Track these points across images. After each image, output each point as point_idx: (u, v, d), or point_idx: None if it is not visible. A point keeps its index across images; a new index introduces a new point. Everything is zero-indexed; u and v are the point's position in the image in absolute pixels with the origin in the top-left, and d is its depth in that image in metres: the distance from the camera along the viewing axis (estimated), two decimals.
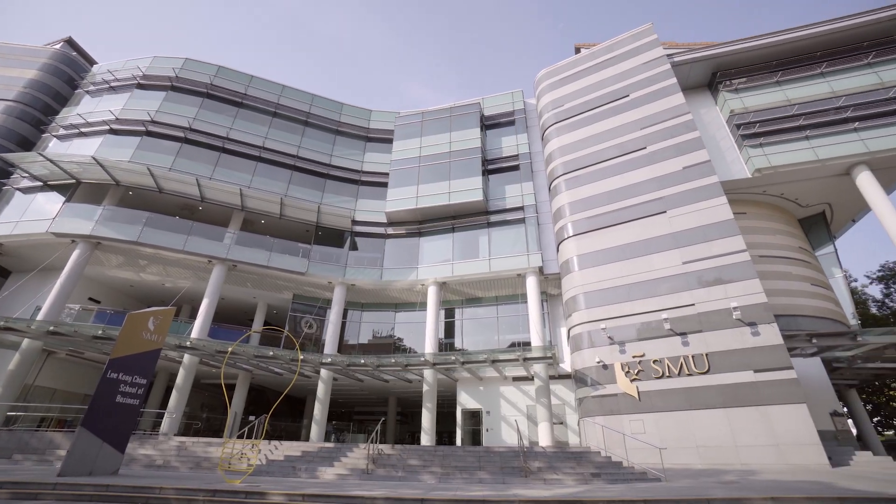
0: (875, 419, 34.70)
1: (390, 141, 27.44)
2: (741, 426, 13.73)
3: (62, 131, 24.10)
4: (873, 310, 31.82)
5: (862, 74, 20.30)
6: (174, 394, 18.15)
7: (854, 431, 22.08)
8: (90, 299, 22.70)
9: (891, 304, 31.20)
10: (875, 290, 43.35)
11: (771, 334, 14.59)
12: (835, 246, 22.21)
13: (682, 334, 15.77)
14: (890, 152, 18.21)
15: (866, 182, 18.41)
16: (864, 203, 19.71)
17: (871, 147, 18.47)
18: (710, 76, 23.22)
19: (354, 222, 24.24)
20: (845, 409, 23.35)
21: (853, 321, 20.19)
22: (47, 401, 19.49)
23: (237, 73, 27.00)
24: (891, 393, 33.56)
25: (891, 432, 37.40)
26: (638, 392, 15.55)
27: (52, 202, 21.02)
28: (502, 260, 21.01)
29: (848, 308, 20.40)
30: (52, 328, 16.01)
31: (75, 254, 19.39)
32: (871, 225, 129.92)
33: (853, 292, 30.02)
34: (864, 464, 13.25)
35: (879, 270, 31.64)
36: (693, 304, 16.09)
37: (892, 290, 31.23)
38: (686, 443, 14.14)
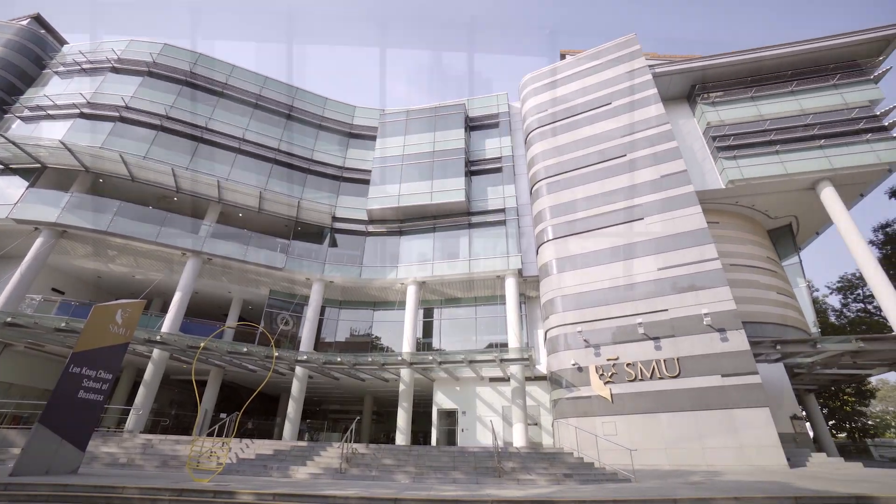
0: (830, 422, 36.56)
1: (373, 138, 27.20)
2: (708, 429, 14.22)
3: (27, 112, 22.88)
4: (832, 318, 33.55)
5: (828, 94, 21.31)
6: (142, 389, 17.52)
7: (811, 434, 23.18)
8: (53, 290, 21.66)
9: (848, 314, 32.90)
10: (834, 300, 45.73)
11: (739, 340, 15.15)
12: (800, 257, 23.35)
13: (656, 339, 16.21)
14: (851, 169, 19.21)
15: (829, 197, 19.37)
16: (827, 217, 20.80)
17: (834, 164, 19.42)
18: (689, 88, 23.94)
19: (335, 219, 23.93)
20: (804, 413, 24.46)
21: (814, 329, 21.20)
22: (2, 396, 18.47)
23: (218, 62, 26.22)
24: (845, 398, 35.43)
25: (843, 435, 39.43)
26: (611, 394, 15.89)
27: (14, 186, 19.95)
28: (482, 261, 21.11)
29: (810, 317, 21.41)
30: (10, 319, 15.18)
31: (38, 241, 18.49)
32: (832, 238, 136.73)
33: (815, 302, 31.53)
34: (819, 465, 13.92)
35: (839, 282, 33.33)
36: (667, 310, 16.54)
37: (849, 300, 32.93)
38: (656, 444, 14.54)
